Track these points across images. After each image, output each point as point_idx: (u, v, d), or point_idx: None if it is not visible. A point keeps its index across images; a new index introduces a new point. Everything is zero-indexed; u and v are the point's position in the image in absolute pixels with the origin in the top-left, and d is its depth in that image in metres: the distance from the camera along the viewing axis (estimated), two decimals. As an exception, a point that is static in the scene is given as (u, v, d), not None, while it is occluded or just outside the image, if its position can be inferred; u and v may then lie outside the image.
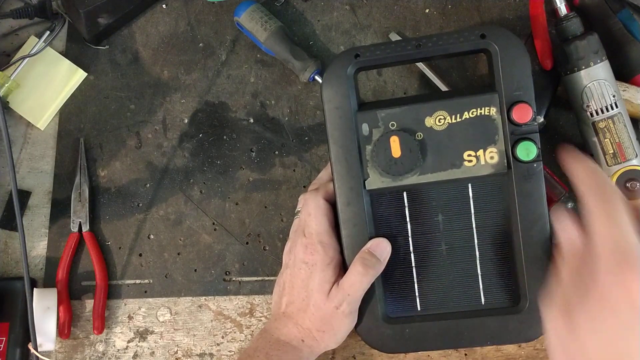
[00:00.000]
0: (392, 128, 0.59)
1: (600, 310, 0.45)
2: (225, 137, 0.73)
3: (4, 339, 0.69)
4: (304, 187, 0.71)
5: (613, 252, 0.45)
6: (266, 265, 0.71)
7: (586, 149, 0.65)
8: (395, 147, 0.58)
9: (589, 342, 0.45)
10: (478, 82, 0.71)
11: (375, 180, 0.60)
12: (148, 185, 0.73)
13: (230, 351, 0.70)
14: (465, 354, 0.67)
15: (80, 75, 0.75)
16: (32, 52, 0.73)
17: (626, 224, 0.46)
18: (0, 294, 0.70)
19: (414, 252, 0.61)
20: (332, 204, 0.61)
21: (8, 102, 0.73)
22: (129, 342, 0.71)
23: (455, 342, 0.61)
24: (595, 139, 0.63)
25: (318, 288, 0.59)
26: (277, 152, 0.72)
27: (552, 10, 0.66)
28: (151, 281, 0.71)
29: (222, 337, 0.70)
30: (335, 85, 0.60)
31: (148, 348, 0.71)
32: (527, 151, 0.57)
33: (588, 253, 0.47)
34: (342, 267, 0.61)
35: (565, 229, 0.51)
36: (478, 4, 0.72)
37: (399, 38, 0.71)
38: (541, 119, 0.66)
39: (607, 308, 0.44)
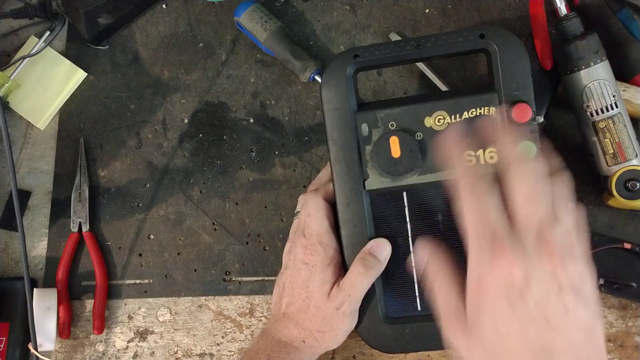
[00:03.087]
0: (392, 128, 0.59)
1: (487, 304, 0.44)
2: (225, 137, 0.73)
3: (4, 339, 0.69)
4: (304, 187, 0.71)
5: (479, 237, 0.44)
6: (266, 265, 0.71)
7: (586, 149, 0.65)
8: (395, 147, 0.58)
9: (494, 340, 0.44)
10: (478, 82, 0.71)
11: (375, 181, 0.59)
12: (148, 185, 0.73)
13: (230, 351, 0.70)
14: (465, 354, 0.67)
15: (80, 75, 0.75)
16: (32, 52, 0.73)
17: (491, 205, 0.45)
18: (0, 294, 0.70)
19: (414, 252, 0.61)
20: (331, 204, 0.61)
21: (8, 102, 0.73)
22: (129, 342, 0.71)
23: (455, 342, 0.60)
24: (595, 139, 0.63)
25: (318, 289, 0.59)
26: (277, 152, 0.72)
27: (552, 10, 0.66)
28: (151, 281, 0.71)
29: (222, 337, 0.70)
30: (334, 86, 0.60)
31: (148, 348, 0.71)
32: (527, 151, 0.57)
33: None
34: (342, 268, 0.61)
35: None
36: (478, 4, 0.72)
37: (399, 38, 0.71)
38: (541, 119, 0.66)
39: (491, 297, 0.43)
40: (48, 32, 0.75)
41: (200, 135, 0.73)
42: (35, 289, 0.67)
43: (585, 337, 0.43)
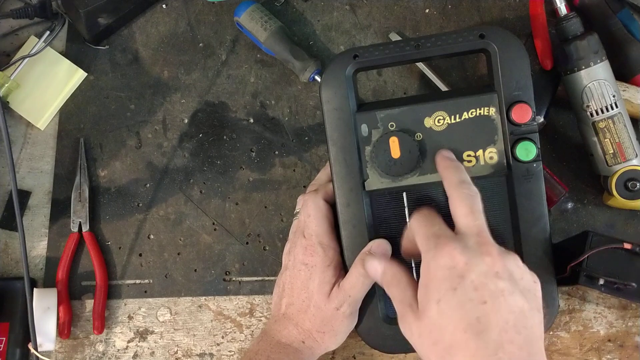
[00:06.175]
0: (392, 129, 0.59)
1: (433, 287, 0.48)
2: (225, 137, 0.73)
3: (4, 339, 0.69)
4: (304, 187, 0.71)
5: (427, 238, 0.50)
6: (266, 265, 0.71)
7: (586, 149, 0.65)
8: (395, 147, 0.58)
9: (437, 319, 0.47)
10: (478, 82, 0.71)
11: (375, 181, 0.59)
12: (148, 185, 0.73)
13: (230, 351, 0.70)
14: (465, 354, 0.67)
15: (80, 75, 0.75)
16: (32, 52, 0.73)
17: (437, 222, 0.52)
18: (0, 294, 0.70)
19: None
20: (331, 204, 0.61)
21: (8, 102, 0.73)
22: (129, 342, 0.71)
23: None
24: (595, 139, 0.63)
25: (318, 289, 0.59)
26: (277, 152, 0.72)
27: (552, 10, 0.66)
28: (151, 281, 0.71)
29: (222, 337, 0.70)
30: (334, 86, 0.60)
31: (148, 348, 0.71)
32: (527, 151, 0.57)
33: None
34: (342, 268, 0.61)
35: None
36: (478, 4, 0.72)
37: (399, 38, 0.71)
38: (541, 119, 0.66)
39: (436, 281, 0.48)
40: (48, 32, 0.75)
41: (200, 135, 0.73)
42: (35, 289, 0.67)
43: (519, 321, 0.45)
